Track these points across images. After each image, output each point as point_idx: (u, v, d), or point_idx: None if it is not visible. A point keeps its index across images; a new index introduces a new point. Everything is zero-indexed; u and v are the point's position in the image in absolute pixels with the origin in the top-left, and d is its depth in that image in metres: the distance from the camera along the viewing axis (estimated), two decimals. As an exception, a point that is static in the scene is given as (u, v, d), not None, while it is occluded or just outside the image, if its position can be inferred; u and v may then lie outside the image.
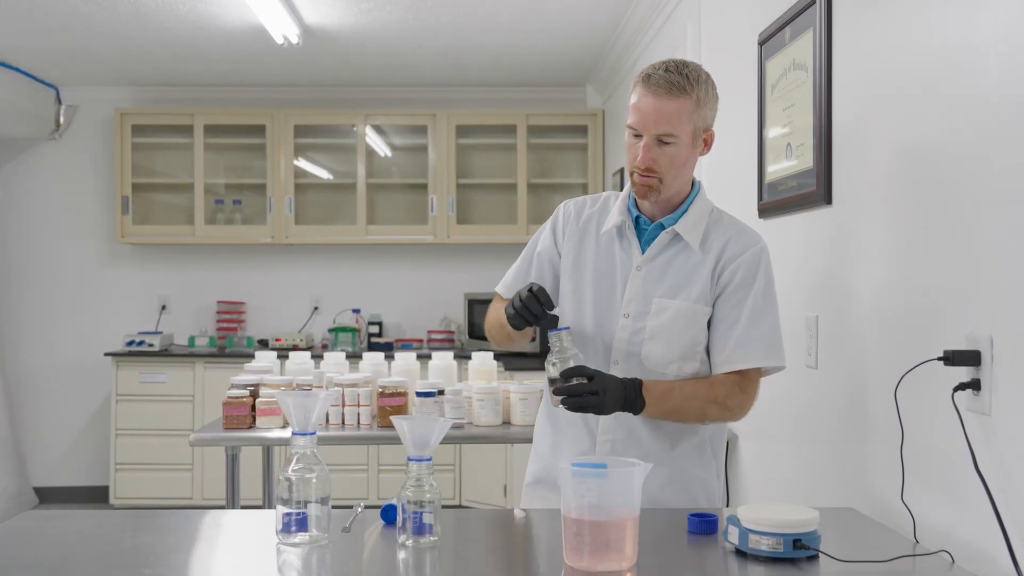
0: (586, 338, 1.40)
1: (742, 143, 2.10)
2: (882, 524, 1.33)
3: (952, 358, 1.15)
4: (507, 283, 1.53)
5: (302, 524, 1.14)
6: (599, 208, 1.46)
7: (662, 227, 1.40)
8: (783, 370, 1.41)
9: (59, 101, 4.44)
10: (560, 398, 1.29)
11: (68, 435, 4.43)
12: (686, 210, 1.40)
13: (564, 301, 1.44)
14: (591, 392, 1.27)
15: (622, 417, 1.38)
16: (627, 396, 1.29)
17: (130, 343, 4.16)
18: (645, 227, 1.41)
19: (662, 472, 1.37)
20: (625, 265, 1.40)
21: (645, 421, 1.38)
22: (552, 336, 1.33)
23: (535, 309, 1.32)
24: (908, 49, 1.36)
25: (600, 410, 1.29)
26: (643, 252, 1.40)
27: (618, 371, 1.38)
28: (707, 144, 1.38)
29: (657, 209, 1.41)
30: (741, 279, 1.36)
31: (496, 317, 1.47)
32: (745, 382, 1.36)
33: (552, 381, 1.32)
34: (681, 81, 1.31)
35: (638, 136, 1.34)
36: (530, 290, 1.32)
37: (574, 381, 1.28)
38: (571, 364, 1.30)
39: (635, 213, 1.42)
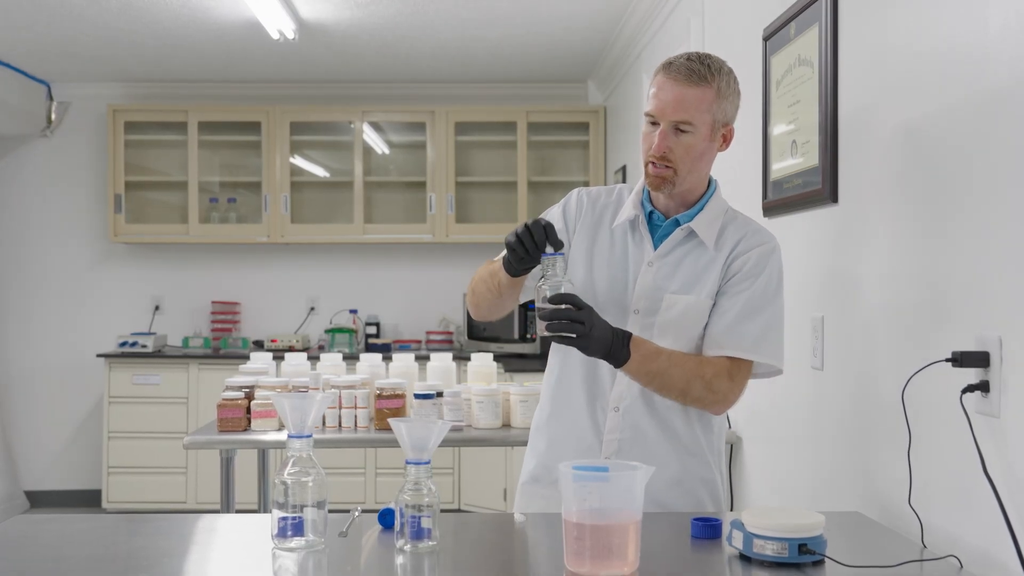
0: None
1: (746, 140, 2.08)
2: (889, 528, 1.32)
3: (960, 359, 1.14)
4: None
5: (298, 529, 1.13)
6: (614, 200, 1.43)
7: (677, 223, 1.37)
8: (780, 374, 1.38)
9: (50, 98, 4.40)
10: (544, 324, 1.22)
11: (59, 438, 4.39)
12: (702, 208, 1.38)
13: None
14: (577, 321, 1.21)
15: (629, 416, 1.36)
16: (613, 343, 1.25)
17: (123, 344, 4.13)
18: (659, 223, 1.39)
19: (668, 474, 1.35)
20: (637, 260, 1.38)
21: (653, 420, 1.36)
22: (546, 260, 1.25)
23: (539, 236, 1.23)
24: (915, 44, 1.34)
25: (584, 344, 1.23)
26: (655, 248, 1.38)
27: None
28: (726, 140, 1.36)
29: (672, 204, 1.38)
30: (748, 271, 1.34)
31: (486, 270, 1.41)
32: (735, 371, 1.33)
33: (539, 308, 1.25)
34: (703, 70, 1.30)
35: (655, 124, 1.32)
36: (536, 222, 1.24)
37: (563, 307, 1.22)
38: (562, 291, 1.24)
39: (649, 208, 1.40)
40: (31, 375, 4.40)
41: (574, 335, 1.22)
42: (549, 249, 1.26)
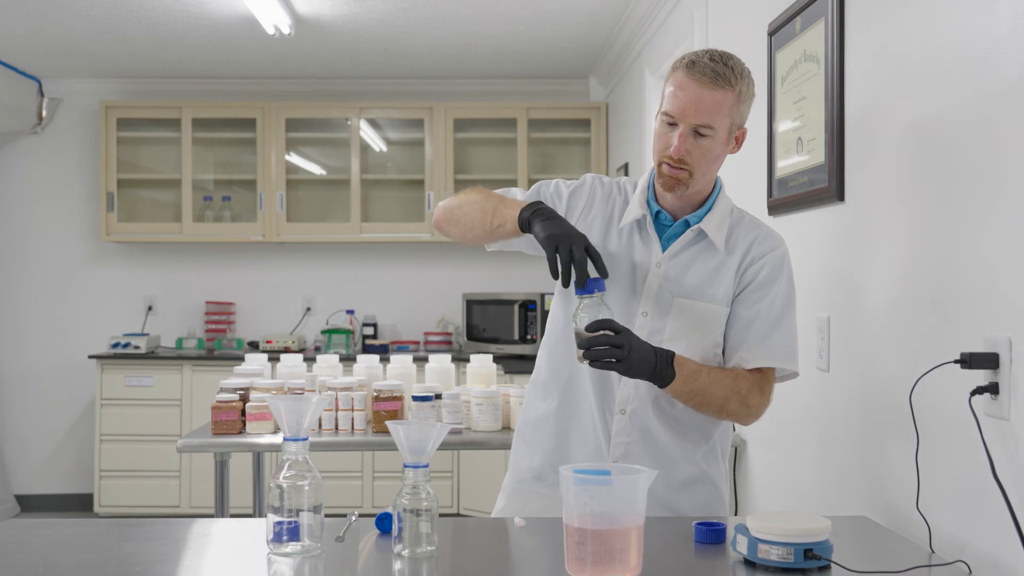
0: None
1: (751, 138, 2.05)
2: (896, 533, 1.30)
3: (969, 361, 1.12)
4: (510, 192, 1.42)
5: (294, 533, 1.11)
6: (622, 197, 1.41)
7: (687, 224, 1.36)
8: (796, 377, 1.38)
9: (41, 94, 4.36)
10: (583, 352, 1.20)
11: (51, 441, 4.36)
12: (711, 208, 1.36)
13: None
14: (616, 345, 1.19)
15: (637, 419, 1.34)
16: (657, 364, 1.23)
17: (115, 345, 4.09)
18: (666, 223, 1.37)
19: (675, 476, 1.34)
20: (644, 261, 1.36)
21: (661, 423, 1.34)
22: (584, 297, 1.23)
23: (580, 275, 1.20)
24: (923, 40, 1.33)
25: (626, 368, 1.21)
26: (664, 249, 1.35)
27: None
28: (739, 142, 1.35)
29: (680, 205, 1.36)
30: (764, 278, 1.33)
31: (488, 200, 1.35)
32: (764, 382, 1.33)
33: (577, 335, 1.23)
34: (726, 72, 1.27)
35: (673, 124, 1.30)
36: (583, 255, 1.20)
37: (600, 333, 1.19)
38: (600, 317, 1.21)
39: (655, 208, 1.37)
40: (21, 377, 4.36)
41: (614, 360, 1.20)
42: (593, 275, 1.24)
